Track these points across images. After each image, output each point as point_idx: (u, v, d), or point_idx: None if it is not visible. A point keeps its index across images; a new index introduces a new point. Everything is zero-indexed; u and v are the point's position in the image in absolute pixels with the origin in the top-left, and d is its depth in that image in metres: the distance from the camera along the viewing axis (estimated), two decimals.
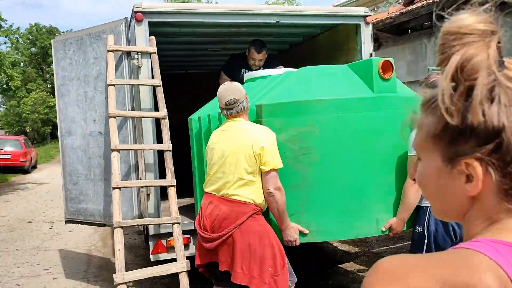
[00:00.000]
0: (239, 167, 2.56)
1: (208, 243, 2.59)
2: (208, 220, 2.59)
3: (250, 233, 2.51)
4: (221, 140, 2.68)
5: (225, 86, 2.68)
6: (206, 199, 2.69)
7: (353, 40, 4.58)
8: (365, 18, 4.32)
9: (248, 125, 2.70)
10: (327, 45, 5.19)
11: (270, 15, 4.00)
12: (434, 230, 2.77)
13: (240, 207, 2.55)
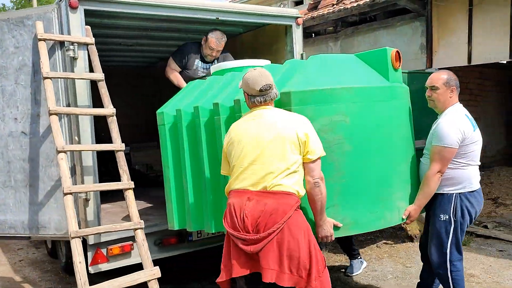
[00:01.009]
0: (283, 156, 2.35)
1: (251, 246, 2.30)
2: (249, 219, 2.31)
3: (298, 229, 2.32)
4: (252, 130, 2.43)
5: (257, 71, 2.46)
6: (239, 196, 2.39)
7: (283, 41, 4.71)
8: (296, 19, 4.47)
9: (283, 111, 2.52)
10: (251, 44, 5.24)
11: (211, 11, 3.92)
12: (460, 217, 2.88)
13: (287, 199, 2.34)
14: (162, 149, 3.28)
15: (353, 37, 6.74)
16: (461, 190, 2.88)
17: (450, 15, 5.52)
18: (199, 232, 3.86)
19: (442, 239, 2.91)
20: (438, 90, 2.89)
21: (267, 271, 2.27)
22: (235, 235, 2.35)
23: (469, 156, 2.86)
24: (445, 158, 2.79)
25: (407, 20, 6.01)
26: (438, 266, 2.97)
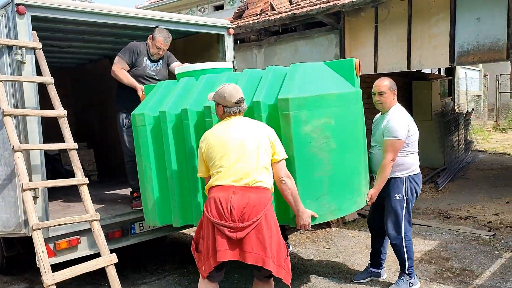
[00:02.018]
0: (261, 155, 2.74)
1: (238, 233, 2.63)
2: (236, 210, 2.63)
3: (272, 219, 2.74)
4: (234, 134, 2.78)
5: (232, 87, 2.85)
6: (224, 191, 2.70)
7: (215, 48, 5.10)
8: (228, 29, 4.91)
9: (253, 120, 2.93)
10: (184, 50, 5.57)
11: (151, 20, 4.22)
12: (410, 195, 3.56)
13: (265, 193, 2.74)
14: (141, 149, 3.42)
15: (276, 45, 7.33)
16: (409, 174, 3.57)
17: (360, 30, 6.30)
18: (141, 225, 4.15)
19: (398, 215, 3.57)
20: (385, 94, 3.57)
21: (251, 255, 2.64)
22: (222, 224, 2.66)
23: (412, 145, 3.56)
24: (397, 149, 3.45)
25: (323, 33, 6.72)
26: (395, 238, 3.60)
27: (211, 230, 2.72)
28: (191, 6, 17.45)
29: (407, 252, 3.60)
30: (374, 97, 3.62)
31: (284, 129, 3.01)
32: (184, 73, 3.70)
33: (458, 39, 5.44)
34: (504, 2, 5.07)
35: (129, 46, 4.24)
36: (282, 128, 3.01)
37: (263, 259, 2.64)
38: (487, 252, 4.42)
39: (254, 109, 3.06)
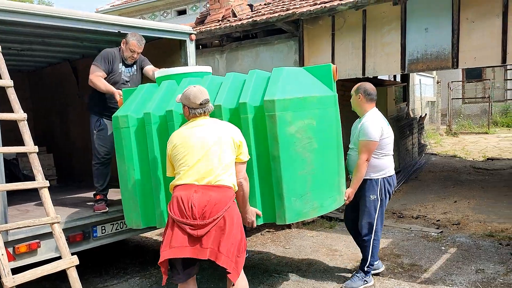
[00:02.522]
0: (224, 155, 2.84)
1: (199, 230, 2.71)
2: (197, 208, 2.71)
3: (235, 216, 2.82)
4: (197, 134, 2.87)
5: (197, 88, 2.94)
6: (186, 189, 2.78)
7: (177, 53, 5.19)
8: (190, 35, 5.01)
9: (220, 120, 3.04)
10: (146, 54, 5.61)
11: (114, 25, 4.27)
12: (384, 196, 3.75)
13: (227, 192, 2.82)
14: (124, 150, 3.44)
15: (237, 51, 7.48)
16: (384, 175, 3.78)
17: (318, 38, 6.55)
18: (103, 228, 4.17)
19: (371, 215, 3.77)
20: (352, 97, 3.87)
21: (206, 250, 2.72)
22: (183, 222, 2.74)
23: (386, 147, 3.78)
24: (371, 150, 3.66)
25: (283, 39, 6.92)
26: (366, 235, 3.81)
27: (171, 227, 2.80)
28: (153, 10, 17.39)
29: (372, 249, 3.82)
30: None
31: (270, 130, 3.11)
32: (164, 76, 3.75)
33: (409, 48, 5.77)
34: (449, 14, 5.42)
35: (103, 54, 4.23)
36: (268, 129, 3.12)
37: (216, 254, 2.72)
38: (435, 248, 4.71)
39: (240, 111, 3.16)
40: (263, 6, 7.92)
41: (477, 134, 15.12)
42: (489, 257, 4.36)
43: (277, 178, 3.16)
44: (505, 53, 5.09)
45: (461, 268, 4.15)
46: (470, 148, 12.11)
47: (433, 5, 5.54)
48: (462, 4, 5.35)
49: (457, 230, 5.32)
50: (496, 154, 10.96)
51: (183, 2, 16.67)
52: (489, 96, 17.15)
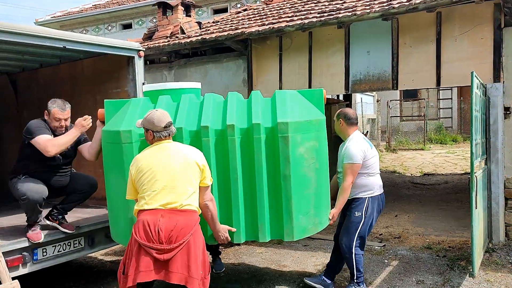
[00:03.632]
0: (189, 180, 2.89)
1: (165, 254, 2.74)
2: (163, 232, 2.74)
3: (199, 239, 2.89)
4: (163, 159, 2.90)
5: (159, 112, 3.02)
6: (153, 214, 2.80)
7: (125, 69, 5.12)
8: (138, 52, 4.97)
9: (183, 144, 3.11)
10: (92, 70, 5.50)
11: (59, 40, 4.15)
12: (369, 214, 3.88)
13: (193, 216, 2.89)
14: (125, 166, 3.27)
15: (186, 67, 7.49)
16: (371, 195, 3.92)
17: (266, 57, 6.70)
18: (44, 251, 3.98)
19: (353, 231, 3.89)
20: (335, 122, 4.02)
21: (176, 275, 2.76)
22: (149, 246, 2.76)
23: (372, 167, 3.92)
24: (355, 172, 3.81)
25: (232, 58, 7.02)
26: (346, 251, 3.92)
27: (137, 251, 2.81)
28: (97, 23, 16.99)
29: (356, 265, 3.94)
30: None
31: (282, 150, 3.28)
32: (152, 91, 3.76)
33: (352, 69, 6.05)
34: (388, 39, 5.76)
35: (36, 124, 3.79)
36: (281, 149, 3.28)
37: (186, 279, 2.77)
38: (378, 261, 4.90)
39: (253, 131, 3.29)
40: (211, 24, 8.00)
41: (414, 150, 15.94)
42: (428, 269, 4.60)
43: (287, 197, 3.32)
44: (439, 76, 5.47)
45: (403, 280, 4.34)
46: (408, 164, 12.74)
47: (374, 30, 5.86)
48: (401, 30, 5.71)
49: (398, 243, 5.56)
50: (432, 169, 11.60)
51: (128, 16, 16.42)
52: (424, 114, 18.20)
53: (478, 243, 4.17)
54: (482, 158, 4.86)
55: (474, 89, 4.03)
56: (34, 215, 3.80)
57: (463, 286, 4.12)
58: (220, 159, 3.34)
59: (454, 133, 18.62)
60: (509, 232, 5.13)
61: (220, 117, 3.44)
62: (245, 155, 3.34)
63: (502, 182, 5.12)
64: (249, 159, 3.35)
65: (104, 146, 3.66)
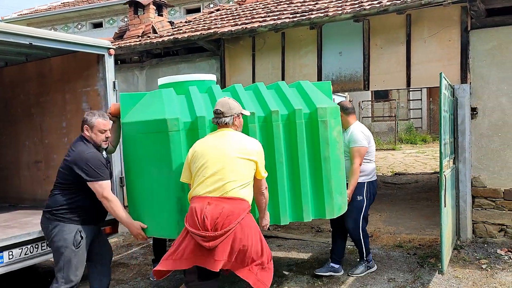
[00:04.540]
0: (240, 170, 2.90)
1: (211, 242, 2.74)
2: (209, 220, 2.74)
3: (249, 229, 2.84)
4: (217, 146, 2.95)
5: (224, 99, 3.15)
6: (200, 201, 2.83)
7: (95, 68, 5.01)
8: (109, 50, 4.86)
9: (243, 135, 3.12)
10: (61, 68, 5.36)
11: (24, 36, 4.01)
12: (369, 198, 4.30)
13: (241, 204, 2.86)
14: (172, 155, 3.24)
15: (158, 67, 7.39)
16: (369, 180, 4.31)
17: (239, 57, 6.69)
18: (11, 254, 3.85)
19: (357, 213, 4.25)
20: None
21: (220, 263, 2.77)
22: (195, 233, 2.78)
23: (371, 154, 4.31)
24: (362, 154, 4.15)
25: (205, 58, 6.97)
26: (353, 232, 4.33)
27: (184, 237, 2.89)
28: (66, 21, 16.61)
29: (364, 244, 4.39)
30: None
31: (322, 133, 3.55)
32: (167, 84, 3.75)
33: (324, 70, 6.10)
34: (360, 40, 5.84)
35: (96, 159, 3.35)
36: (321, 133, 3.55)
37: (232, 266, 2.83)
38: (351, 260, 4.94)
39: (295, 116, 3.49)
40: (184, 24, 7.93)
41: (386, 150, 16.23)
42: (399, 267, 4.67)
43: (327, 177, 3.58)
44: (409, 77, 5.57)
45: (375, 278, 4.39)
46: (380, 164, 12.95)
47: (346, 31, 5.93)
48: (372, 32, 5.79)
49: (370, 242, 5.62)
50: (402, 169, 11.83)
51: (99, 15, 16.13)
52: (395, 115, 18.56)
53: (447, 241, 4.27)
54: (451, 158, 4.98)
55: (442, 90, 4.12)
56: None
57: (432, 283, 4.20)
58: (264, 144, 3.39)
59: (424, 133, 19.06)
60: (476, 230, 5.27)
61: (257, 104, 3.59)
62: (287, 139, 3.52)
63: (470, 180, 5.25)
64: (291, 143, 3.53)
65: (136, 137, 3.47)
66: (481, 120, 5.21)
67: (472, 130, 5.24)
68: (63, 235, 3.27)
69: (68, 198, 3.33)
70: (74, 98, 5.23)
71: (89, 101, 5.10)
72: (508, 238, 5.10)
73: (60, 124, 5.39)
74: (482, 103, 5.19)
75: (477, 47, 5.19)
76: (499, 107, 5.11)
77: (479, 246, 5.05)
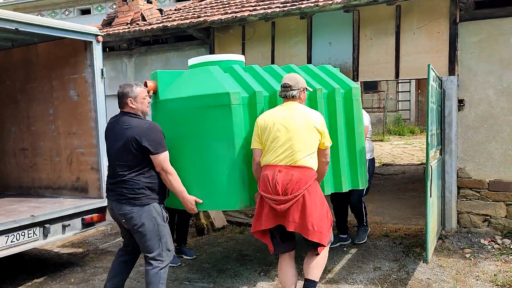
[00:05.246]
0: (307, 140, 3.17)
1: (281, 205, 3.07)
2: (280, 185, 3.06)
3: (315, 195, 3.15)
4: (286, 118, 3.21)
5: (291, 74, 3.43)
6: (271, 169, 3.15)
7: (82, 55, 4.95)
8: (97, 36, 4.81)
9: (306, 107, 3.37)
10: (48, 54, 5.29)
11: (10, 21, 3.95)
12: (371, 173, 4.83)
13: (309, 172, 3.15)
14: (234, 129, 3.37)
15: (147, 55, 7.33)
16: (369, 157, 4.76)
17: (229, 46, 6.65)
18: None
19: (360, 190, 4.58)
20: None
21: (291, 224, 3.10)
22: (268, 197, 3.12)
23: (369, 133, 4.83)
24: (365, 133, 4.48)
25: (194, 46, 6.93)
26: (357, 205, 5.00)
27: (260, 202, 3.24)
28: (53, 7, 16.33)
29: (364, 211, 5.13)
30: None
31: (356, 111, 3.93)
32: (196, 64, 3.91)
33: (314, 60, 6.09)
34: (350, 31, 5.84)
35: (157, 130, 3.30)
36: (355, 110, 3.91)
37: (301, 228, 3.09)
38: (338, 249, 5.00)
39: (335, 94, 3.78)
40: (173, 11, 7.85)
41: (374, 141, 16.25)
42: (385, 256, 4.74)
43: (360, 151, 3.98)
44: (398, 69, 5.60)
45: (361, 267, 4.45)
46: None
47: (336, 22, 5.92)
48: (361, 22, 5.80)
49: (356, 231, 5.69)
50: (390, 160, 11.94)
51: (87, 1, 15.90)
52: (384, 106, 18.66)
53: (432, 230, 4.33)
54: (437, 149, 5.03)
55: (430, 81, 4.15)
56: None
57: (417, 271, 4.27)
58: None
59: (412, 125, 19.22)
60: (460, 220, 5.35)
61: None
62: (327, 115, 3.75)
63: (455, 171, 5.32)
64: (331, 119, 3.77)
65: (189, 112, 3.48)
66: (468, 112, 5.26)
67: (458, 122, 5.30)
68: (152, 215, 3.26)
69: (148, 178, 3.26)
70: (62, 85, 5.18)
71: (77, 88, 5.05)
72: (492, 228, 5.19)
73: (47, 111, 5.34)
74: (469, 95, 5.25)
75: (466, 39, 5.23)
76: (486, 99, 5.17)
77: (463, 236, 5.14)
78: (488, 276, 4.11)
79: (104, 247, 5.53)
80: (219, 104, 3.37)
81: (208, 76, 3.59)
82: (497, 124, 5.14)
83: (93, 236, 6.04)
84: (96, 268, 4.75)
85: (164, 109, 3.71)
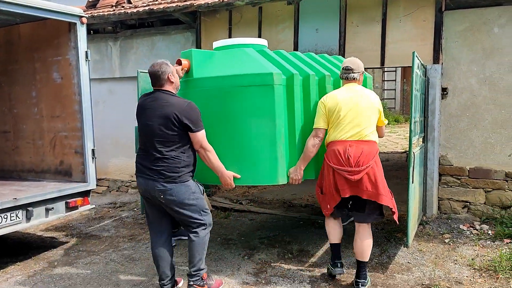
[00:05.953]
0: (372, 118, 3.56)
1: (355, 175, 3.40)
2: (352, 158, 3.42)
3: (380, 166, 3.52)
4: (353, 99, 3.54)
5: (352, 58, 3.77)
6: (342, 144, 3.49)
7: (66, 36, 4.88)
8: (81, 18, 4.73)
9: (365, 89, 3.72)
10: (31, 36, 5.20)
11: None
12: None
13: (374, 146, 3.55)
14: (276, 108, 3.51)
15: (132, 39, 7.23)
16: None
17: (215, 31, 6.60)
18: None
19: None
20: None
21: (366, 192, 3.43)
22: (342, 169, 3.45)
23: None
24: None
25: (181, 30, 6.85)
26: None
27: (332, 175, 3.51)
28: None
29: None
30: None
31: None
32: (220, 47, 3.95)
33: (301, 46, 6.09)
34: (336, 18, 5.84)
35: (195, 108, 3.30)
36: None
37: (376, 195, 3.42)
38: (321, 234, 5.06)
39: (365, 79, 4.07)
40: None
41: None
42: None
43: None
44: (383, 57, 5.63)
45: (343, 251, 4.51)
46: None
47: (323, 8, 5.92)
48: (348, 9, 5.80)
49: None
50: None
51: None
52: None
53: (413, 216, 4.42)
54: (420, 136, 5.11)
55: (414, 69, 4.19)
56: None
57: (398, 256, 4.36)
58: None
59: (397, 114, 19.38)
60: (441, 206, 5.46)
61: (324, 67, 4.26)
62: None
63: (437, 159, 5.41)
64: None
65: (232, 90, 3.55)
66: (451, 100, 5.34)
67: (442, 110, 5.37)
68: (191, 190, 3.33)
69: (187, 155, 3.31)
70: (45, 67, 5.11)
71: (60, 70, 4.99)
72: (471, 214, 5.32)
73: (30, 93, 5.27)
74: (453, 83, 5.31)
75: (450, 28, 5.28)
76: (469, 88, 5.25)
77: (443, 222, 5.25)
78: (466, 260, 4.22)
79: (88, 231, 5.51)
80: (262, 84, 3.51)
81: (246, 57, 3.73)
82: (479, 113, 5.22)
83: (76, 220, 6.02)
84: (79, 252, 4.74)
85: (198, 87, 3.72)
